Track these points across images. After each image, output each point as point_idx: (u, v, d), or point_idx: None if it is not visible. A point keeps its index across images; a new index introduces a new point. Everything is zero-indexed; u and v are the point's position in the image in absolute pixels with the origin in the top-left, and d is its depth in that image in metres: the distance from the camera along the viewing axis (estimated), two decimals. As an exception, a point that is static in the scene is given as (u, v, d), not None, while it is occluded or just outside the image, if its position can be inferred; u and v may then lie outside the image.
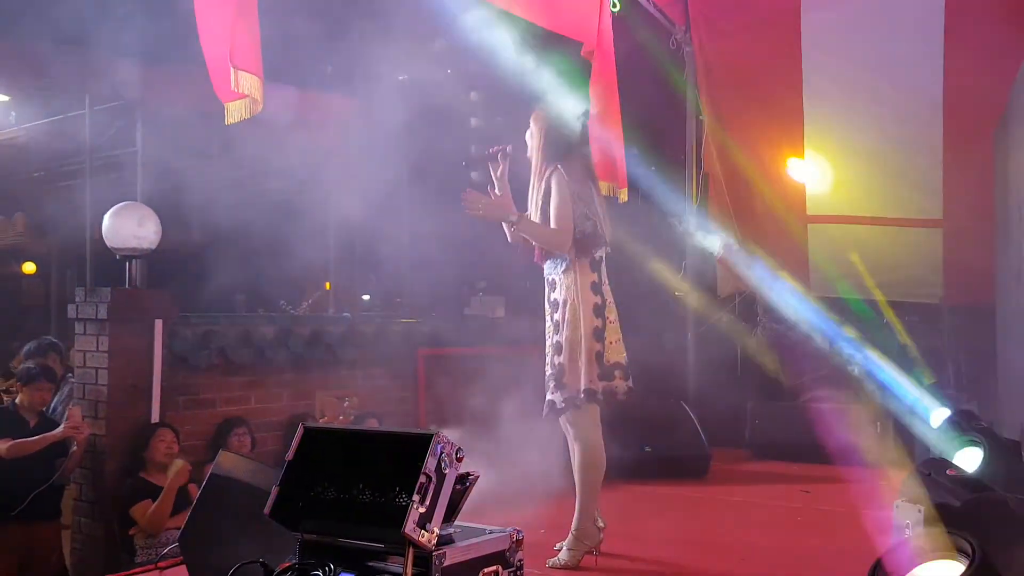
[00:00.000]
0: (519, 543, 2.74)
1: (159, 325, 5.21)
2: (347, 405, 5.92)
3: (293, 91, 6.62)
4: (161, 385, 5.20)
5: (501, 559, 2.67)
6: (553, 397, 3.80)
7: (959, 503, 3.32)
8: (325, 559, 2.47)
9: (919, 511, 3.21)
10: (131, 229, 5.25)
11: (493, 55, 4.95)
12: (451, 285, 7.15)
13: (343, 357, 6.17)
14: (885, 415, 6.07)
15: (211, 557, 3.08)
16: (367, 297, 8.21)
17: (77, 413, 4.87)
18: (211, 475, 3.31)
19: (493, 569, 2.64)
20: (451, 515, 2.55)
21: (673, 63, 7.19)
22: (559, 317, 3.84)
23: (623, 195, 5.67)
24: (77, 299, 5.24)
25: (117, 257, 5.34)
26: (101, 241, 5.40)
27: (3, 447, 4.73)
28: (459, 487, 2.54)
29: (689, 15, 7.11)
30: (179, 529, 3.59)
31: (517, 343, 5.68)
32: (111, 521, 4.95)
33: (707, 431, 6.07)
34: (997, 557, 2.64)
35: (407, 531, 2.35)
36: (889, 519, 3.46)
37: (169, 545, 4.26)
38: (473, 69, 6.68)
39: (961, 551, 2.70)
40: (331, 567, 2.43)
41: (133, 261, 5.29)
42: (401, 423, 6.17)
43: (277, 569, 2.49)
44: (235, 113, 3.80)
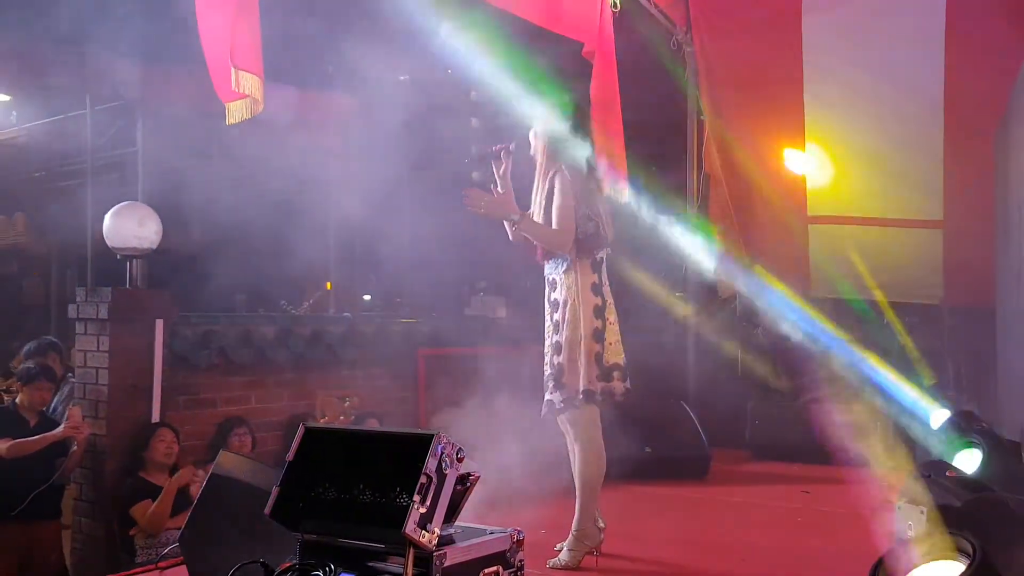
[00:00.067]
0: (520, 543, 2.73)
1: (160, 325, 5.22)
2: (348, 405, 5.92)
3: (293, 91, 6.63)
4: (161, 385, 5.20)
5: (502, 559, 2.67)
6: (552, 397, 3.81)
7: (960, 504, 3.32)
8: (325, 559, 2.47)
9: (920, 512, 3.20)
10: (132, 229, 5.26)
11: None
12: (451, 285, 7.16)
13: (344, 357, 6.17)
14: (885, 416, 6.06)
15: (211, 557, 3.07)
16: (368, 297, 8.21)
17: (77, 413, 4.88)
18: (211, 475, 3.31)
19: (494, 569, 2.63)
20: (452, 515, 2.55)
21: (674, 63, 7.19)
22: (559, 317, 3.84)
23: (623, 195, 5.66)
24: (78, 299, 5.25)
25: (118, 257, 5.35)
26: (102, 241, 5.41)
27: (3, 447, 4.73)
28: (460, 487, 2.54)
29: (690, 15, 7.09)
30: (179, 529, 3.59)
31: (518, 343, 5.68)
32: (111, 521, 4.95)
33: (707, 431, 6.07)
34: (998, 557, 2.64)
35: (408, 531, 2.35)
36: (890, 520, 3.46)
37: (169, 545, 4.26)
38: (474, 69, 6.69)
39: (962, 551, 2.70)
40: (331, 567, 2.43)
41: (134, 261, 5.30)
42: (401, 423, 6.17)
43: (277, 569, 2.49)
44: (236, 113, 3.81)
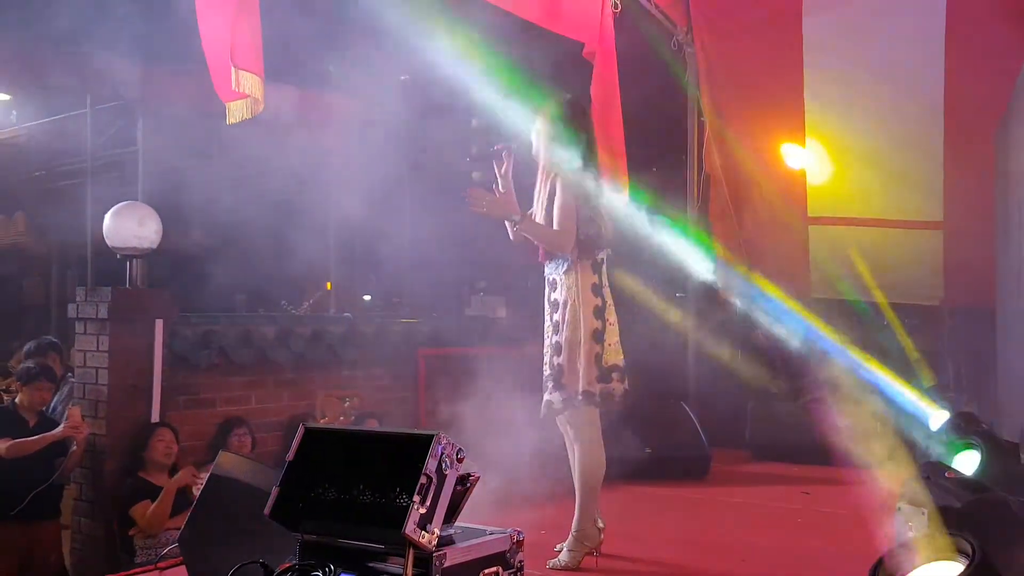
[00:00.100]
0: (519, 544, 2.73)
1: (159, 325, 5.22)
2: (348, 405, 5.92)
3: (294, 91, 6.63)
4: (161, 385, 5.20)
5: (501, 560, 2.67)
6: (551, 398, 3.80)
7: (960, 505, 3.31)
8: (325, 560, 2.47)
9: (921, 513, 3.20)
10: (132, 229, 5.26)
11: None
12: (452, 285, 7.16)
13: (344, 357, 6.17)
14: (885, 417, 6.06)
15: (211, 558, 3.07)
16: (368, 297, 8.20)
17: (77, 413, 4.87)
18: (211, 475, 3.31)
19: (493, 570, 2.63)
20: (451, 516, 2.55)
21: (674, 64, 7.19)
22: (559, 317, 3.83)
23: (624, 196, 5.66)
24: (78, 299, 5.25)
25: (118, 257, 5.34)
26: (102, 241, 5.41)
27: (3, 447, 4.73)
28: (460, 488, 2.53)
29: (691, 16, 7.10)
30: (179, 529, 3.59)
31: (518, 343, 5.68)
32: (111, 521, 4.95)
33: (707, 432, 6.07)
34: (998, 558, 2.63)
35: (407, 532, 2.35)
36: (890, 521, 3.45)
37: (169, 545, 4.26)
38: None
39: (962, 552, 2.69)
40: (331, 568, 2.43)
41: (134, 261, 5.30)
42: (402, 423, 6.16)
43: (277, 570, 2.48)
44: (236, 113, 3.80)
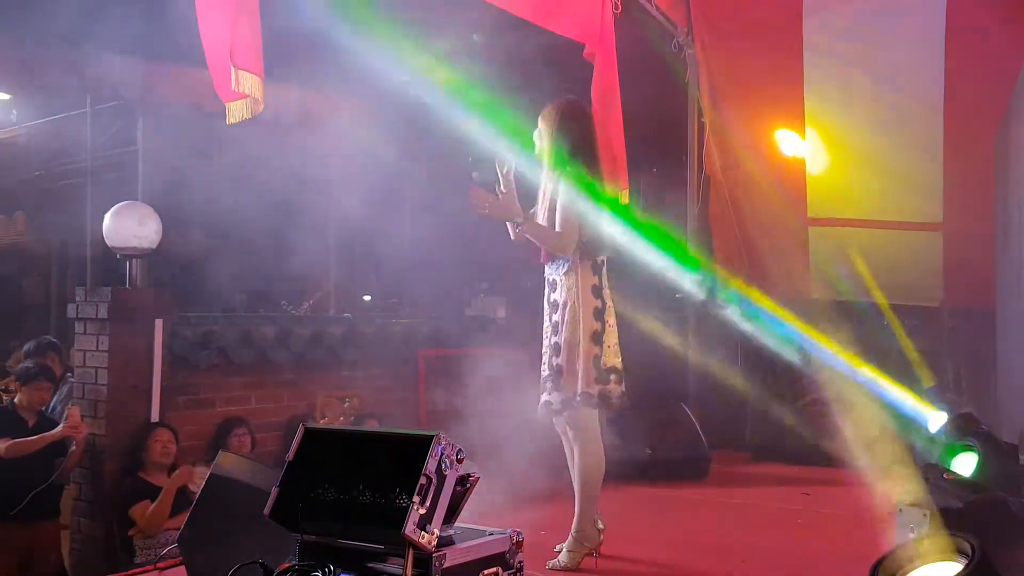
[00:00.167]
0: (519, 544, 2.73)
1: (159, 325, 5.22)
2: (348, 406, 5.92)
3: (294, 91, 6.62)
4: (161, 385, 5.20)
5: (501, 561, 2.67)
6: (550, 398, 3.79)
7: (960, 505, 3.32)
8: (325, 560, 2.47)
9: (921, 514, 3.20)
10: (132, 228, 5.26)
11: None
12: (452, 286, 7.15)
13: (344, 358, 6.17)
14: (885, 418, 6.05)
15: (210, 558, 3.07)
16: (368, 298, 8.19)
17: (76, 413, 4.87)
18: (211, 475, 3.30)
19: (493, 571, 2.63)
20: (451, 516, 2.55)
21: (675, 65, 7.19)
22: (558, 318, 3.83)
23: (624, 197, 5.66)
24: (77, 299, 5.25)
25: (117, 256, 5.34)
26: (102, 240, 5.40)
27: (2, 447, 4.73)
28: (459, 488, 2.53)
29: (691, 17, 7.10)
30: (178, 529, 3.59)
31: (518, 344, 5.67)
32: (110, 521, 4.95)
33: (707, 433, 6.06)
34: (999, 558, 2.63)
35: (407, 532, 2.35)
36: (890, 522, 3.45)
37: (168, 546, 4.26)
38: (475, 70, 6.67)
39: (962, 552, 2.69)
40: (331, 568, 2.43)
41: (133, 261, 5.30)
42: (402, 424, 6.16)
43: (277, 570, 2.48)
44: (236, 113, 3.79)
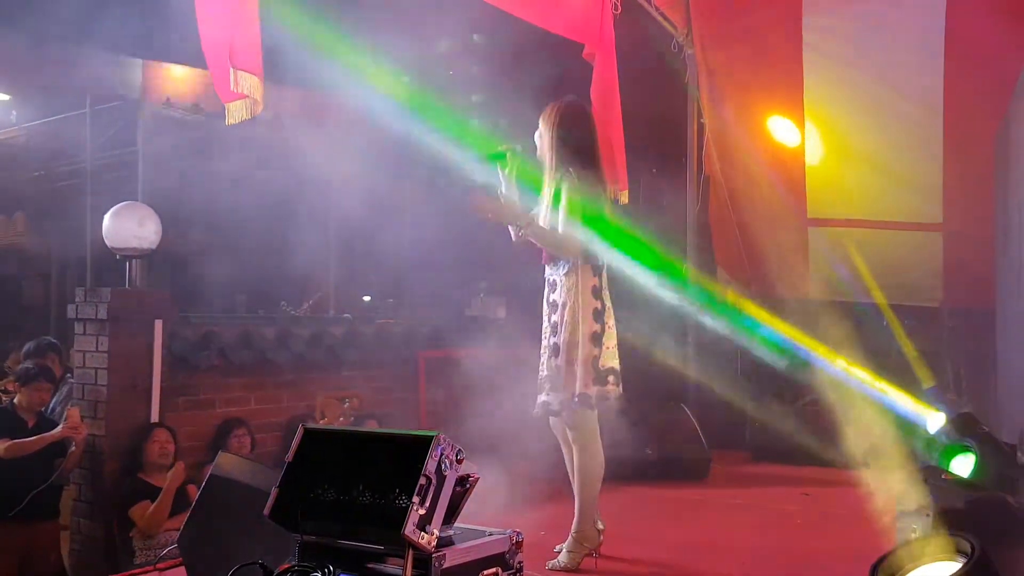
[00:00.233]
0: (519, 545, 2.73)
1: (159, 325, 5.22)
2: (347, 406, 5.92)
3: (294, 91, 6.62)
4: (161, 386, 5.19)
5: (501, 561, 2.67)
6: (548, 399, 3.78)
7: (961, 505, 3.32)
8: (324, 561, 2.47)
9: (920, 514, 3.20)
10: (131, 229, 5.26)
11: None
12: (452, 286, 7.15)
13: (344, 358, 6.17)
14: (884, 419, 6.05)
15: (210, 558, 3.07)
16: (368, 298, 8.19)
17: (76, 413, 4.87)
18: (210, 476, 3.30)
19: (493, 571, 2.63)
20: (451, 517, 2.55)
21: (674, 66, 7.19)
22: (557, 319, 3.82)
23: (624, 197, 5.66)
24: (77, 299, 5.25)
25: (117, 257, 5.34)
26: (101, 241, 5.40)
27: (1, 447, 4.73)
28: (459, 489, 2.53)
29: (691, 17, 7.10)
30: (178, 530, 3.59)
31: (518, 345, 5.67)
32: (110, 522, 4.94)
33: (707, 433, 6.06)
34: (1000, 558, 2.63)
35: (407, 533, 2.35)
36: (890, 522, 3.45)
37: (168, 546, 4.25)
38: (475, 71, 6.68)
39: (962, 552, 2.69)
40: (330, 569, 2.42)
41: (133, 261, 5.30)
42: (402, 424, 6.16)
43: (276, 570, 2.48)
44: (235, 114, 3.78)
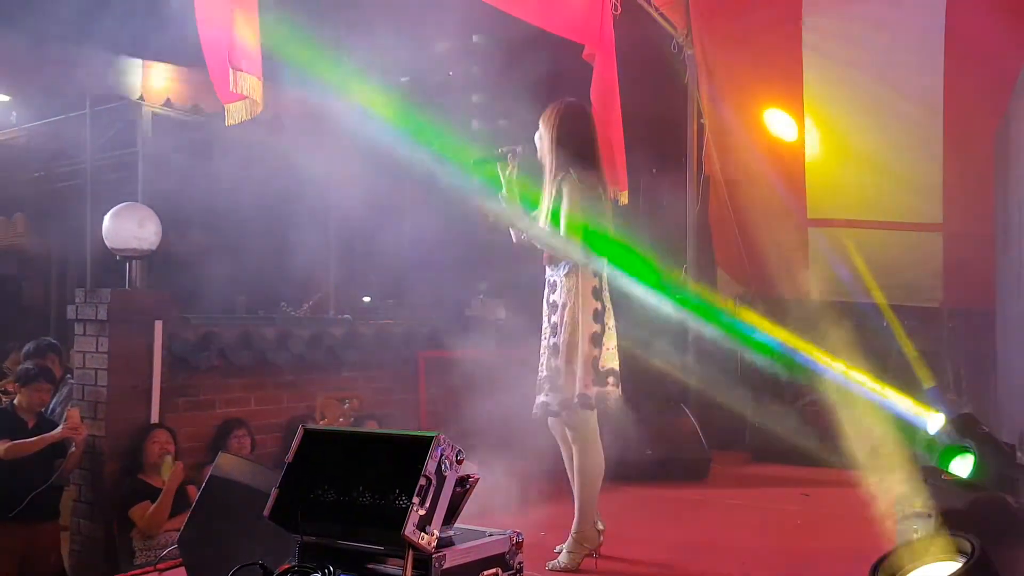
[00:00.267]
0: (519, 545, 2.73)
1: (159, 326, 5.21)
2: (347, 407, 5.91)
3: (293, 92, 6.61)
4: (161, 387, 5.19)
5: (501, 561, 2.67)
6: (547, 399, 3.78)
7: (961, 505, 3.32)
8: (324, 561, 2.47)
9: (921, 514, 3.20)
10: (131, 230, 5.26)
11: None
12: (452, 287, 7.14)
13: (344, 359, 6.16)
14: (885, 419, 6.05)
15: (210, 559, 3.07)
16: (368, 299, 8.19)
17: (76, 414, 4.87)
18: (210, 477, 3.30)
19: (493, 572, 2.63)
20: (451, 517, 2.55)
21: (674, 66, 7.19)
22: (557, 319, 3.82)
23: (624, 198, 5.66)
24: (77, 300, 5.24)
25: (117, 258, 5.34)
26: (101, 242, 5.40)
27: (1, 448, 4.73)
28: (459, 489, 2.53)
29: (690, 18, 7.10)
30: (178, 531, 3.59)
31: (518, 345, 5.67)
32: (110, 522, 4.94)
33: (707, 434, 6.06)
34: (1001, 557, 2.63)
35: (407, 533, 2.35)
36: (890, 522, 3.45)
37: (168, 547, 4.25)
38: (475, 72, 6.68)
39: (962, 552, 2.69)
40: (330, 569, 2.43)
41: (133, 262, 5.30)
42: (402, 425, 6.15)
43: (276, 571, 2.48)
44: (235, 114, 3.78)
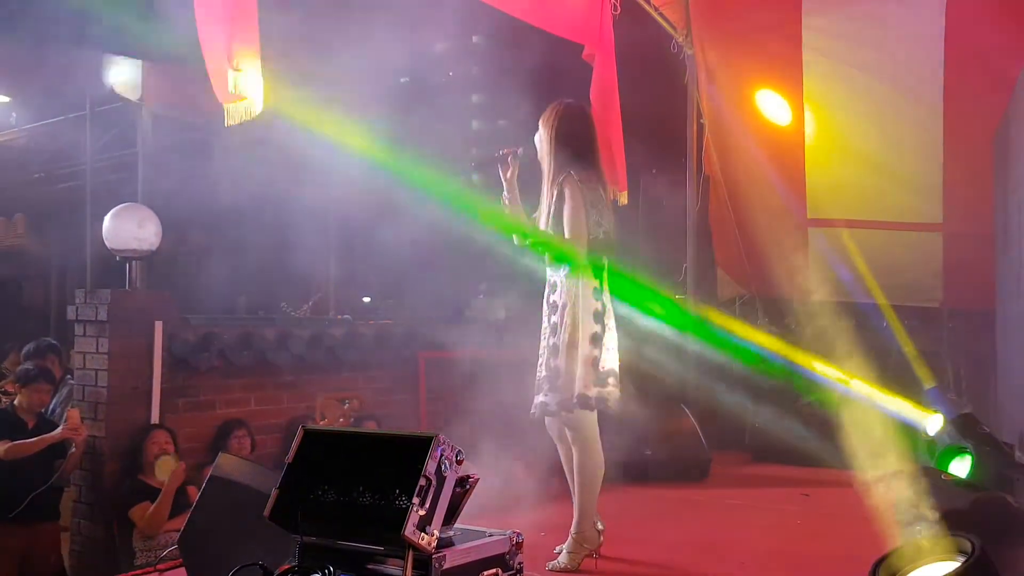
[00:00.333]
0: (519, 546, 2.73)
1: (159, 327, 5.21)
2: (347, 407, 5.91)
3: (293, 92, 6.61)
4: (161, 387, 5.19)
5: (501, 562, 2.67)
6: (546, 399, 3.77)
7: (961, 505, 3.32)
8: (325, 561, 2.47)
9: (921, 514, 3.20)
10: (131, 231, 5.26)
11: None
12: (452, 287, 7.14)
13: (344, 359, 6.16)
14: (885, 420, 6.06)
15: (210, 559, 3.07)
16: (368, 299, 8.20)
17: (76, 415, 4.87)
18: (211, 477, 3.30)
19: (493, 572, 2.63)
20: (451, 518, 2.55)
21: (674, 66, 7.19)
22: (557, 320, 3.82)
23: (623, 198, 5.67)
24: (77, 301, 5.25)
25: (117, 259, 5.34)
26: (101, 243, 5.40)
27: (1, 449, 4.73)
28: (459, 490, 2.53)
29: (690, 18, 7.10)
30: (178, 531, 3.59)
31: (518, 346, 5.67)
32: (110, 523, 4.94)
33: (707, 434, 6.06)
34: (999, 557, 2.63)
35: (407, 534, 2.35)
36: (890, 522, 3.45)
37: (168, 547, 4.26)
38: (475, 72, 6.68)
39: (962, 552, 2.69)
40: (330, 570, 2.43)
41: (133, 263, 5.30)
42: (402, 426, 6.16)
43: (276, 572, 2.48)
44: (235, 115, 3.78)
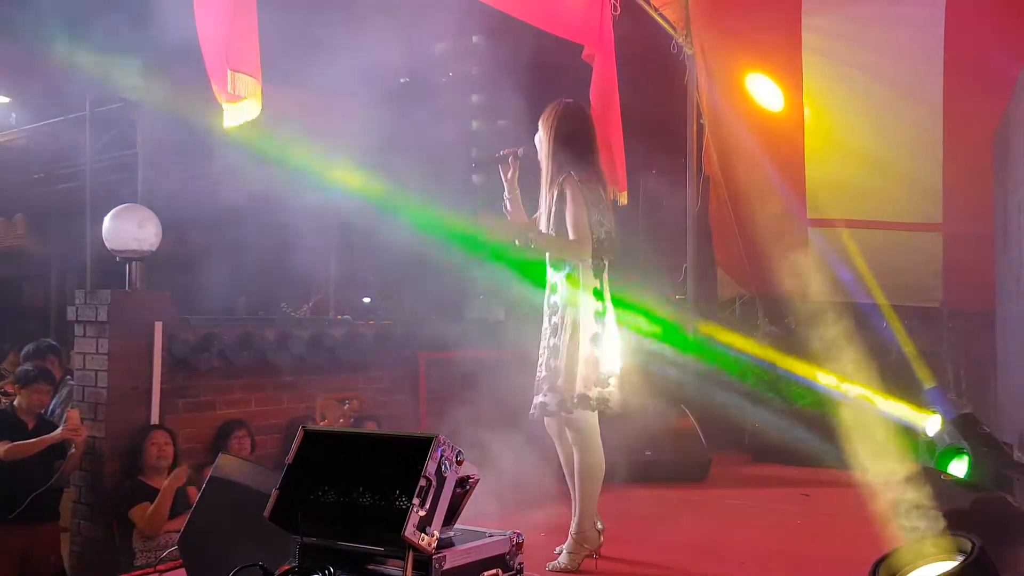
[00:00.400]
0: (519, 546, 2.73)
1: (159, 327, 5.21)
2: (347, 408, 5.91)
3: (293, 92, 6.62)
4: (161, 388, 5.19)
5: (501, 562, 2.67)
6: (546, 399, 3.77)
7: (959, 505, 3.32)
8: (325, 562, 2.47)
9: (921, 514, 3.20)
10: (131, 231, 5.26)
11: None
12: (452, 288, 7.15)
13: (344, 360, 6.16)
14: (885, 420, 6.06)
15: (210, 560, 3.07)
16: (368, 299, 8.20)
17: (75, 415, 4.87)
18: (211, 478, 3.30)
19: (493, 572, 2.63)
20: (451, 518, 2.55)
21: (674, 66, 7.20)
22: (557, 320, 3.81)
23: (623, 198, 5.67)
24: (77, 301, 5.25)
25: (117, 259, 5.34)
26: (101, 243, 5.41)
27: (1, 449, 4.72)
28: (459, 490, 2.53)
29: (690, 18, 7.11)
30: (178, 532, 3.58)
31: (518, 346, 5.68)
32: (110, 523, 4.94)
33: (707, 434, 6.06)
34: (1000, 556, 2.63)
35: (407, 534, 2.35)
36: (889, 523, 3.45)
37: (168, 548, 4.25)
38: (474, 72, 6.68)
39: (962, 551, 2.69)
40: (330, 570, 2.43)
41: (133, 263, 5.30)
42: (402, 426, 6.16)
43: (276, 572, 2.48)
44: (234, 115, 3.79)
